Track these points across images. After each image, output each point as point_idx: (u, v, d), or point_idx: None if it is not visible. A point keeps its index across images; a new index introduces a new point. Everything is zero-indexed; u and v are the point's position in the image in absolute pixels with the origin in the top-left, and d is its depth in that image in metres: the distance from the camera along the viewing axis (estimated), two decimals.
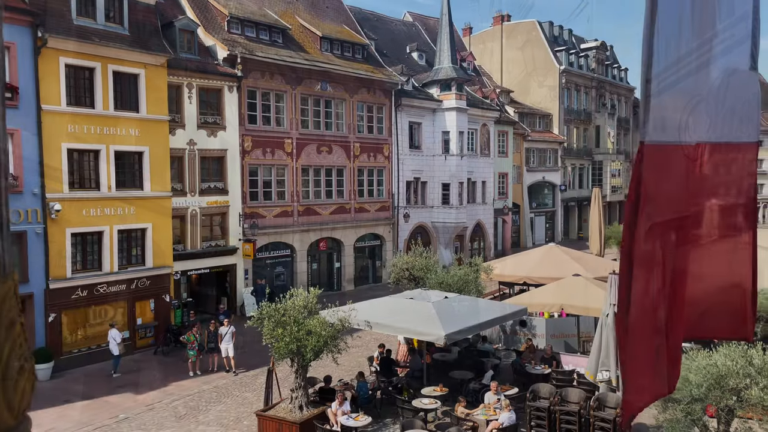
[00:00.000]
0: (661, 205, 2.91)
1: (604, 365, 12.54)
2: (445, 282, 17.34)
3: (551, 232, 50.76)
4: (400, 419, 13.64)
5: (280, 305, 13.08)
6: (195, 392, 16.62)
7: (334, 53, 31.02)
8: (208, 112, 24.62)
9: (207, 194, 24.53)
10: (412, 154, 34.09)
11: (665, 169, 2.93)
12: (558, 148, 50.78)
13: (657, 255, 2.95)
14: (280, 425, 13.09)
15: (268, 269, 27.74)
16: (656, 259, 2.95)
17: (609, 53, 60.45)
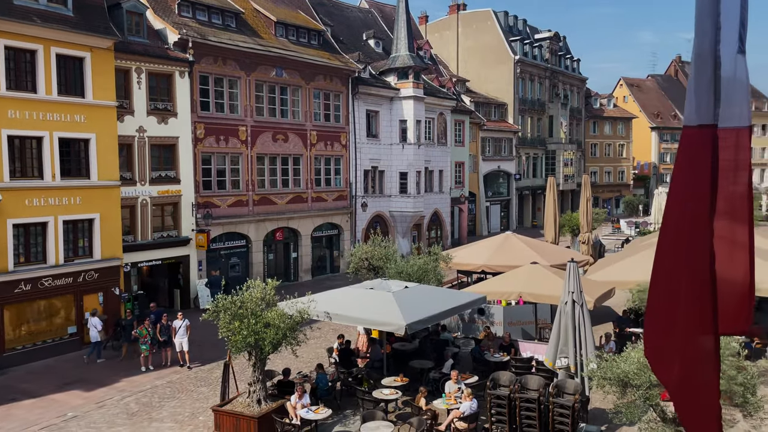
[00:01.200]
0: (722, 195, 2.88)
1: (562, 352, 12.68)
2: (404, 271, 17.22)
3: (506, 221, 51.42)
4: (360, 410, 13.49)
5: (237, 297, 12.71)
6: (148, 388, 16.08)
7: (290, 39, 30.43)
8: (158, 98, 23.77)
9: (158, 183, 23.74)
10: (370, 142, 33.84)
11: (726, 156, 2.87)
12: (513, 138, 51.36)
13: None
14: (237, 420, 12.75)
15: (222, 260, 27.12)
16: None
17: (562, 44, 61.35)
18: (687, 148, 2.94)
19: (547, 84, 56.84)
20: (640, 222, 48.31)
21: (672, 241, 3.11)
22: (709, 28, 2.77)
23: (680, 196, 3.01)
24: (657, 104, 73.86)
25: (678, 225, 3.06)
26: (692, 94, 2.89)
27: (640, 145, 70.23)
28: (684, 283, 3.08)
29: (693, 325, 3.11)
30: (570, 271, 12.70)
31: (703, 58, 2.80)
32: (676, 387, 3.45)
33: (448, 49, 54.28)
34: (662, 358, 3.33)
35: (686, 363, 3.22)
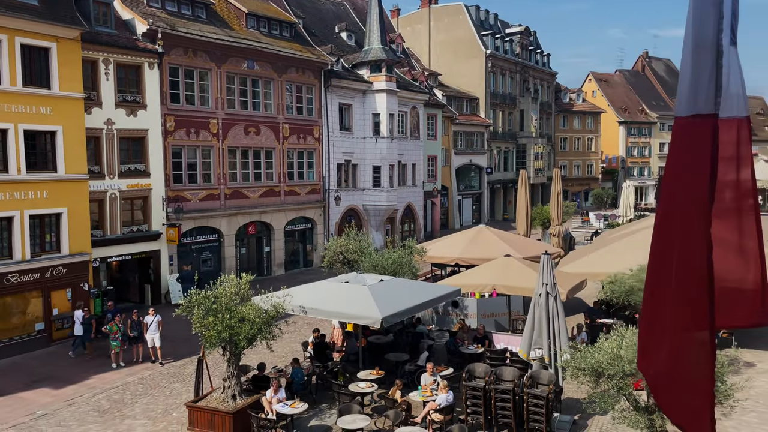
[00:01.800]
0: (722, 186, 2.87)
1: (537, 343, 12.84)
2: (379, 265, 17.23)
3: (478, 214, 51.80)
4: (336, 404, 13.48)
5: (211, 292, 12.56)
6: (119, 385, 15.81)
7: (261, 31, 30.08)
8: (126, 89, 23.29)
9: (127, 177, 23.30)
10: (343, 136, 33.72)
11: (726, 147, 2.86)
12: (484, 132, 51.69)
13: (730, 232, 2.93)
14: (212, 416, 12.63)
15: (194, 255, 26.78)
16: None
17: (532, 38, 61.88)
18: (683, 139, 2.92)
19: (518, 78, 57.31)
20: (608, 215, 49.15)
21: (668, 232, 3.09)
22: (711, 17, 2.74)
23: (676, 187, 2.98)
24: (624, 99, 75.08)
25: (674, 217, 3.04)
26: (688, 84, 2.86)
27: (608, 139, 71.34)
28: (680, 274, 3.07)
29: (687, 317, 3.12)
30: (544, 263, 12.85)
31: (704, 47, 2.76)
32: (663, 379, 3.47)
33: (420, 42, 54.31)
34: (649, 351, 3.35)
35: (679, 355, 3.23)
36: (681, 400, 3.32)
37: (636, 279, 15.00)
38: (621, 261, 16.65)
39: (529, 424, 12.14)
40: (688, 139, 2.92)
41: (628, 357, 9.39)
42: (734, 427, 12.08)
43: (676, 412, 3.36)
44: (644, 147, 74.40)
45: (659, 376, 3.51)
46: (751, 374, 14.54)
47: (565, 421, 12.61)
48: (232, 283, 12.88)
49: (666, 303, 3.22)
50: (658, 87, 79.67)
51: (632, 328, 10.43)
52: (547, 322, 12.65)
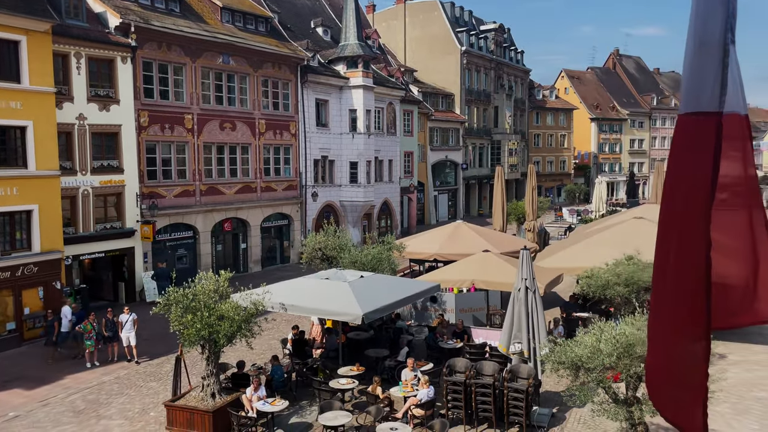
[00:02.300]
0: (725, 183, 2.87)
1: (516, 338, 12.96)
2: (359, 261, 17.20)
3: (454, 210, 52.08)
4: (317, 401, 13.44)
5: (189, 290, 12.40)
6: (94, 384, 15.54)
7: (236, 25, 29.75)
8: (99, 84, 22.85)
9: (100, 173, 22.87)
10: (320, 131, 33.56)
11: (729, 144, 2.86)
12: (460, 128, 51.94)
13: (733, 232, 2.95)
14: (191, 415, 12.48)
15: (169, 252, 26.43)
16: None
17: (506, 35, 62.31)
18: (686, 136, 2.94)
19: (492, 75, 57.68)
20: (581, 210, 49.81)
21: (670, 229, 3.12)
22: (719, 15, 2.73)
23: (677, 184, 2.99)
24: (596, 96, 76.10)
25: (675, 214, 3.05)
26: (693, 82, 2.86)
27: (580, 135, 72.30)
28: (678, 270, 3.10)
29: (683, 313, 3.14)
30: (523, 258, 12.97)
31: (710, 46, 2.76)
32: (657, 374, 3.50)
33: (396, 39, 54.30)
34: (650, 345, 3.38)
35: (675, 350, 3.26)
36: (674, 396, 3.36)
37: (612, 273, 15.24)
38: (596, 256, 16.90)
39: (509, 418, 12.25)
40: (691, 136, 2.92)
41: (607, 350, 9.53)
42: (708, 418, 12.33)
43: (669, 409, 3.41)
44: (615, 143, 75.54)
45: (653, 371, 3.55)
46: (722, 366, 14.88)
47: (544, 414, 12.76)
48: (210, 281, 12.74)
49: (665, 299, 3.25)
50: (629, 84, 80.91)
51: (611, 322, 10.60)
52: (526, 317, 12.78)
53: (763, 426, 12.19)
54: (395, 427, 11.36)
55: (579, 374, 10.03)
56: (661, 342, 3.34)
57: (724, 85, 2.79)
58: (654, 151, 78.79)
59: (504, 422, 12.29)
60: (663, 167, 37.39)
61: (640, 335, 9.56)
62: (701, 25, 2.79)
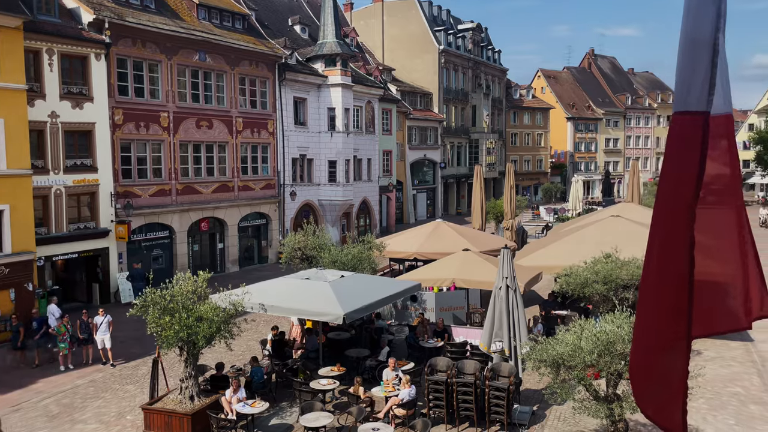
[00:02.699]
0: (714, 182, 2.86)
1: (497, 336, 12.98)
2: (339, 261, 17.10)
3: (432, 208, 52.18)
4: (297, 402, 13.32)
5: (166, 291, 12.19)
6: (68, 388, 15.21)
7: (213, 22, 29.40)
8: (72, 81, 22.38)
9: (73, 172, 22.41)
10: (298, 130, 33.34)
11: (716, 144, 2.85)
12: (438, 127, 52.05)
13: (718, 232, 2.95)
14: (169, 418, 12.28)
15: (144, 252, 26.03)
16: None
17: (484, 35, 62.60)
18: (677, 135, 2.94)
19: (470, 74, 57.90)
20: (558, 208, 50.27)
21: (658, 227, 3.11)
22: (710, 15, 2.72)
23: (667, 183, 3.00)
24: (572, 95, 76.88)
25: (663, 213, 3.06)
26: (683, 80, 2.85)
27: (556, 134, 72.97)
28: (662, 269, 3.10)
29: (666, 313, 3.14)
30: (504, 257, 12.99)
31: (701, 44, 2.75)
32: (640, 372, 3.51)
33: (374, 37, 54.19)
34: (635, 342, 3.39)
35: (656, 348, 3.27)
36: (654, 393, 3.37)
37: (590, 271, 15.35)
38: (575, 254, 17.01)
39: (490, 416, 12.27)
40: (680, 135, 2.93)
41: (588, 348, 9.58)
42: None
43: (650, 406, 3.42)
44: (591, 142, 76.40)
45: (636, 368, 3.56)
46: (699, 362, 15.09)
47: (525, 412, 12.81)
48: (188, 282, 12.53)
49: (649, 297, 3.25)
50: (604, 84, 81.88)
51: (591, 320, 10.66)
52: (507, 315, 12.80)
53: (739, 421, 12.39)
54: (377, 427, 11.29)
55: (560, 372, 10.08)
56: (645, 339, 3.35)
57: (712, 85, 2.79)
58: (629, 150, 79.88)
59: (485, 421, 12.31)
60: (638, 166, 37.89)
61: (621, 333, 9.63)
62: (692, 23, 2.78)
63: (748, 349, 16.76)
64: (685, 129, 2.88)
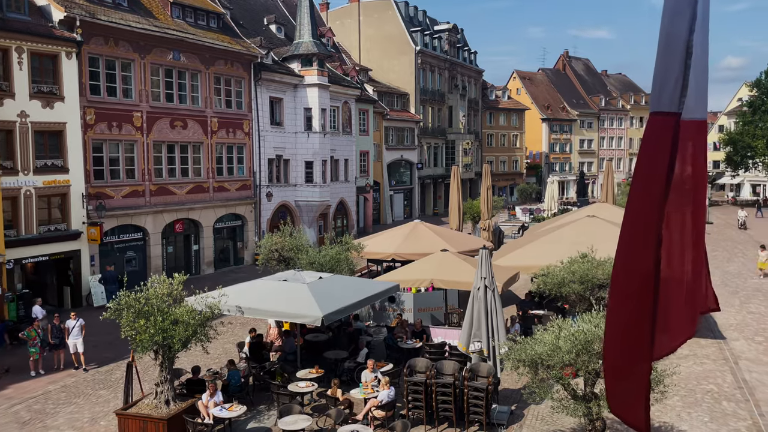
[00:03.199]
0: (680, 182, 2.87)
1: (476, 336, 13.00)
2: (317, 262, 16.98)
3: (409, 209, 52.24)
4: (275, 405, 13.19)
5: (141, 294, 11.96)
6: (40, 394, 14.85)
7: (187, 21, 29.03)
8: (42, 80, 21.90)
9: (43, 173, 21.93)
10: (274, 130, 33.08)
11: (686, 146, 2.86)
12: (415, 128, 52.14)
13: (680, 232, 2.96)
14: (144, 423, 12.04)
15: (117, 254, 25.59)
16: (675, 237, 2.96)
17: (460, 36, 62.88)
18: (650, 135, 2.96)
19: (446, 75, 58.11)
20: (534, 209, 50.71)
21: (628, 224, 3.15)
22: (687, 15, 2.73)
23: (638, 182, 3.04)
24: (547, 97, 77.68)
25: (634, 211, 3.09)
26: (657, 81, 2.85)
27: (532, 135, 73.67)
28: (628, 267, 3.13)
29: (630, 311, 3.18)
30: (482, 257, 13.02)
31: (674, 45, 2.76)
32: (608, 369, 3.56)
33: (350, 37, 54.08)
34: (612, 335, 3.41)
35: (620, 345, 3.30)
36: (620, 389, 3.43)
37: (567, 271, 15.45)
38: (551, 254, 17.12)
39: (470, 417, 12.28)
40: (654, 135, 2.96)
41: (566, 348, 9.63)
42: (659, 410, 12.67)
43: (617, 402, 3.48)
44: (565, 143, 77.28)
45: (606, 365, 3.61)
46: (673, 360, 15.30)
47: (503, 411, 12.85)
48: (164, 284, 12.32)
49: (618, 294, 3.29)
50: (578, 86, 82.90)
51: (569, 320, 10.72)
52: (485, 315, 12.83)
53: (713, 418, 12.59)
54: (356, 429, 11.23)
55: (538, 372, 10.12)
56: (613, 337, 3.40)
57: (685, 86, 2.82)
58: (602, 151, 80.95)
59: (464, 421, 12.31)
60: (612, 167, 38.40)
61: (598, 332, 9.69)
62: (668, 24, 2.80)
63: (721, 346, 17.06)
64: (657, 129, 2.91)
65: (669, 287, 3.15)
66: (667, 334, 3.31)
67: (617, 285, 3.27)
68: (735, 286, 24.90)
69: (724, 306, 21.49)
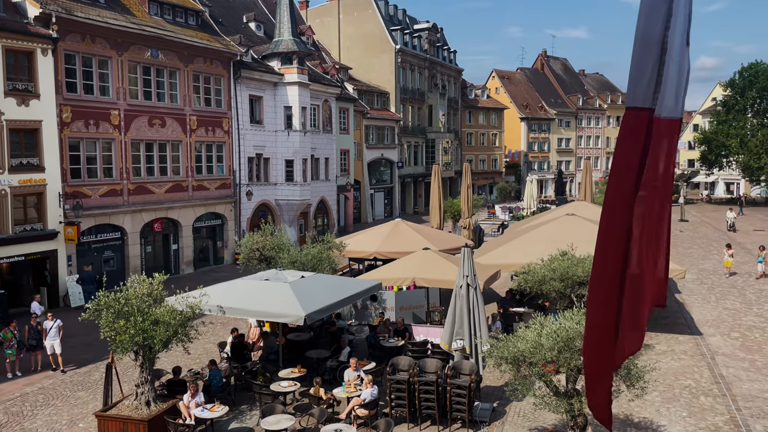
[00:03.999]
0: (651, 178, 2.88)
1: (458, 334, 13.06)
2: (298, 261, 16.91)
3: (390, 208, 52.29)
4: (257, 405, 13.12)
5: (120, 294, 11.81)
6: (17, 396, 14.60)
7: (165, 18, 28.71)
8: (17, 77, 21.50)
9: (19, 171, 21.54)
10: (254, 129, 32.88)
11: (659, 143, 2.88)
12: (395, 126, 52.19)
13: (646, 221, 3.00)
14: (124, 425, 11.90)
15: (95, 254, 25.24)
16: (643, 227, 3.01)
17: (439, 35, 63.05)
18: (625, 130, 2.99)
19: (426, 74, 58.23)
20: (513, 207, 51.08)
21: (604, 221, 3.19)
22: (661, 13, 2.76)
23: (612, 177, 3.08)
24: (526, 96, 78.24)
25: (608, 205, 3.12)
26: (633, 76, 2.88)
27: (510, 134, 74.16)
28: (599, 260, 3.18)
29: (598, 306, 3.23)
30: (465, 255, 13.09)
31: (649, 41, 2.78)
32: (585, 365, 3.64)
33: (330, 36, 53.93)
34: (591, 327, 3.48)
35: (591, 340, 3.37)
36: (593, 385, 3.51)
37: (547, 269, 15.60)
38: (532, 252, 17.27)
39: (452, 414, 12.34)
40: (628, 130, 2.98)
41: (548, 345, 9.72)
42: (639, 406, 12.85)
43: (590, 395, 3.57)
44: (544, 142, 77.94)
45: (585, 362, 3.69)
46: (651, 356, 15.54)
47: (485, 409, 12.92)
48: (144, 284, 12.18)
49: (593, 289, 3.34)
50: (556, 85, 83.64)
51: (550, 317, 10.82)
52: (468, 314, 12.90)
53: (692, 413, 12.80)
54: (339, 428, 11.21)
55: (521, 369, 10.20)
56: (589, 332, 3.47)
57: (658, 82, 2.85)
58: (580, 149, 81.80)
59: (447, 419, 12.37)
60: (591, 165, 38.83)
61: (579, 329, 9.81)
62: (644, 21, 2.84)
63: (698, 342, 17.35)
64: (630, 124, 2.94)
65: (638, 283, 3.20)
66: (637, 332, 3.38)
67: (594, 279, 3.32)
68: (711, 283, 25.35)
69: (700, 302, 21.90)
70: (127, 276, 23.43)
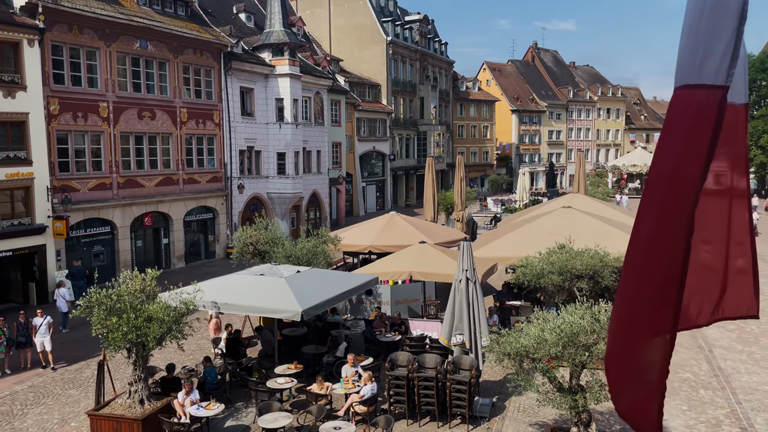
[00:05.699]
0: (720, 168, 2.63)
1: (458, 329, 12.89)
2: (293, 255, 16.66)
3: (382, 201, 52.05)
4: (253, 402, 12.89)
5: (113, 290, 11.51)
6: (6, 394, 14.28)
7: (154, 8, 28.21)
8: (3, 69, 21.02)
9: (5, 165, 21.10)
10: (245, 121, 32.48)
11: (726, 130, 2.60)
12: (386, 119, 51.88)
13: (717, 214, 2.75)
14: (118, 424, 11.63)
15: (84, 249, 24.84)
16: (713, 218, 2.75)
17: (431, 27, 62.69)
18: (679, 111, 2.63)
19: (417, 66, 57.89)
20: (505, 200, 50.99)
21: (653, 212, 2.89)
22: None
23: (668, 166, 2.75)
24: (517, 88, 78.09)
25: (658, 196, 2.81)
26: (694, 50, 2.55)
27: (502, 126, 74.04)
28: (653, 256, 2.89)
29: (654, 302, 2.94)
30: (464, 249, 12.90)
31: (724, 10, 2.44)
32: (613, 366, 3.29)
33: (321, 27, 53.44)
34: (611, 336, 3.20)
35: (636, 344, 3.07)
36: (630, 391, 3.18)
37: (545, 262, 15.44)
38: (529, 245, 17.09)
39: (452, 410, 12.18)
40: (686, 112, 2.63)
41: (552, 340, 9.55)
42: None
43: (624, 403, 3.22)
44: (535, 134, 77.88)
45: (612, 363, 3.34)
46: None
47: (485, 404, 12.78)
48: (136, 280, 11.89)
49: (632, 287, 3.05)
50: (547, 77, 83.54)
51: (552, 311, 10.66)
52: (467, 308, 12.72)
53: (692, 406, 12.72)
54: (338, 426, 11.01)
55: (523, 364, 10.04)
56: (623, 331, 3.13)
57: (735, 56, 2.46)
58: (570, 142, 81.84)
59: (447, 414, 12.21)
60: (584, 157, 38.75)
61: (583, 324, 9.64)
62: None
63: (694, 335, 17.29)
64: (692, 104, 2.58)
65: (693, 280, 2.93)
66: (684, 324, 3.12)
67: (631, 276, 3.02)
68: None
69: None
70: (118, 271, 23.11)
